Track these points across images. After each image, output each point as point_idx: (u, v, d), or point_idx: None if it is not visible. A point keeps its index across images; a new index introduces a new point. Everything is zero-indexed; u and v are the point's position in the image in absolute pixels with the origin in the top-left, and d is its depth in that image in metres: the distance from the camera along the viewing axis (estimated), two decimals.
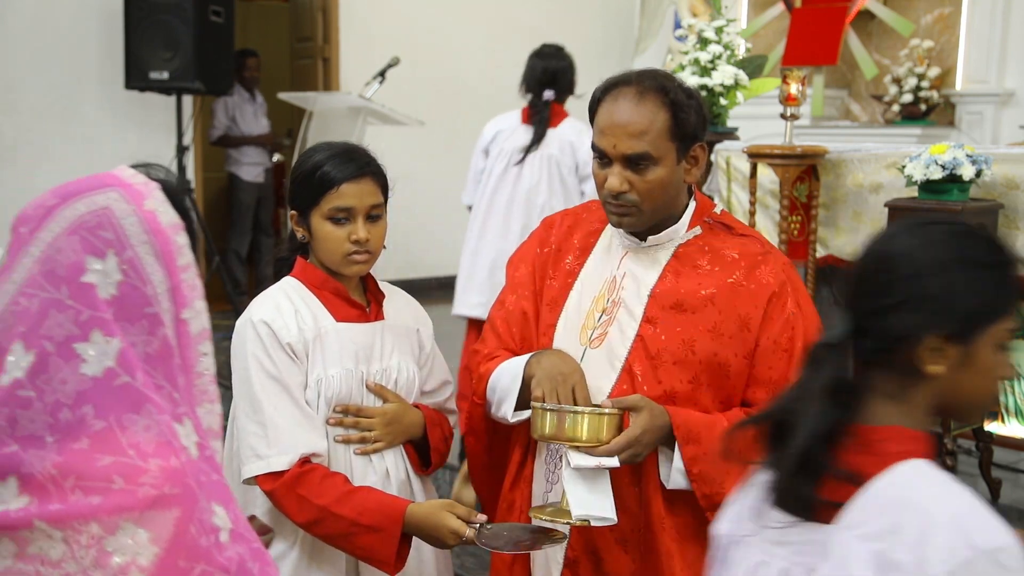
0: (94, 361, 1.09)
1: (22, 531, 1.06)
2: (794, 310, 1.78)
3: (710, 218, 1.87)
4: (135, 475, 1.09)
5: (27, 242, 1.13)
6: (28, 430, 1.08)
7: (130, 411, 1.10)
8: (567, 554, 1.86)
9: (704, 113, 1.81)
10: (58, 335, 1.09)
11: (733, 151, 4.15)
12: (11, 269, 1.13)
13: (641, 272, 1.84)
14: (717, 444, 1.68)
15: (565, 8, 8.19)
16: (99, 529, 1.06)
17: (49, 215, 1.13)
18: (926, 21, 7.31)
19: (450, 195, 7.90)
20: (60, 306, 1.10)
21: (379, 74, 5.77)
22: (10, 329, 1.10)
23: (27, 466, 1.07)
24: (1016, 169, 3.41)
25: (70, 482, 1.07)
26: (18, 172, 5.91)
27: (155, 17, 5.61)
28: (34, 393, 1.08)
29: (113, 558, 1.07)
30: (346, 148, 1.95)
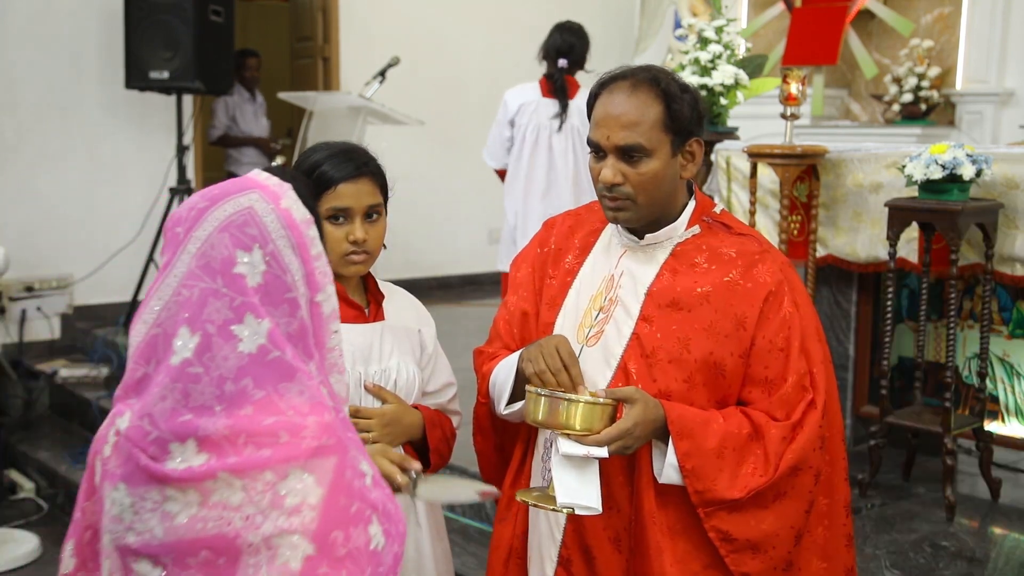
0: (248, 340, 1.26)
1: (207, 482, 1.23)
2: (790, 309, 1.78)
3: (709, 217, 1.86)
4: (297, 430, 1.26)
5: (183, 241, 1.29)
6: (199, 401, 1.24)
7: (284, 380, 1.27)
8: (561, 552, 1.86)
9: (700, 109, 1.80)
10: (217, 319, 1.25)
11: (733, 151, 4.15)
12: (171, 265, 1.30)
13: (639, 270, 1.84)
14: (711, 440, 1.71)
15: (565, 8, 8.16)
16: (272, 476, 1.24)
17: (201, 216, 1.30)
18: (926, 21, 7.31)
19: (450, 195, 7.90)
20: (217, 294, 1.26)
21: (379, 74, 5.78)
22: (175, 316, 1.27)
23: (202, 429, 1.23)
24: (1016, 169, 3.41)
25: (242, 439, 1.24)
26: (18, 172, 5.90)
27: (155, 17, 5.60)
28: (202, 369, 1.24)
29: (287, 499, 1.24)
30: (345, 148, 1.94)
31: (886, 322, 3.57)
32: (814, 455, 1.75)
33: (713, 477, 1.71)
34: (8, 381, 5.55)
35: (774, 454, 1.72)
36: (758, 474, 1.72)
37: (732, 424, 1.74)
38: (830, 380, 1.83)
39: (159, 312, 1.29)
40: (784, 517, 1.75)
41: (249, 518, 1.23)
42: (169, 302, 1.28)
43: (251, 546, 1.23)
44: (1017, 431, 3.69)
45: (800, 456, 1.73)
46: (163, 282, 1.30)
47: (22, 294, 5.89)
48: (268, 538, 1.23)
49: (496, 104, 5.06)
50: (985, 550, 3.15)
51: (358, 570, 1.27)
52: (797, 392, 1.76)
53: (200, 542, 1.23)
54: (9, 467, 5.02)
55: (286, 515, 1.24)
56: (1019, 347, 3.68)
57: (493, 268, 8.04)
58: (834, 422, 1.84)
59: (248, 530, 1.23)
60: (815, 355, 1.79)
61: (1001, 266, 3.47)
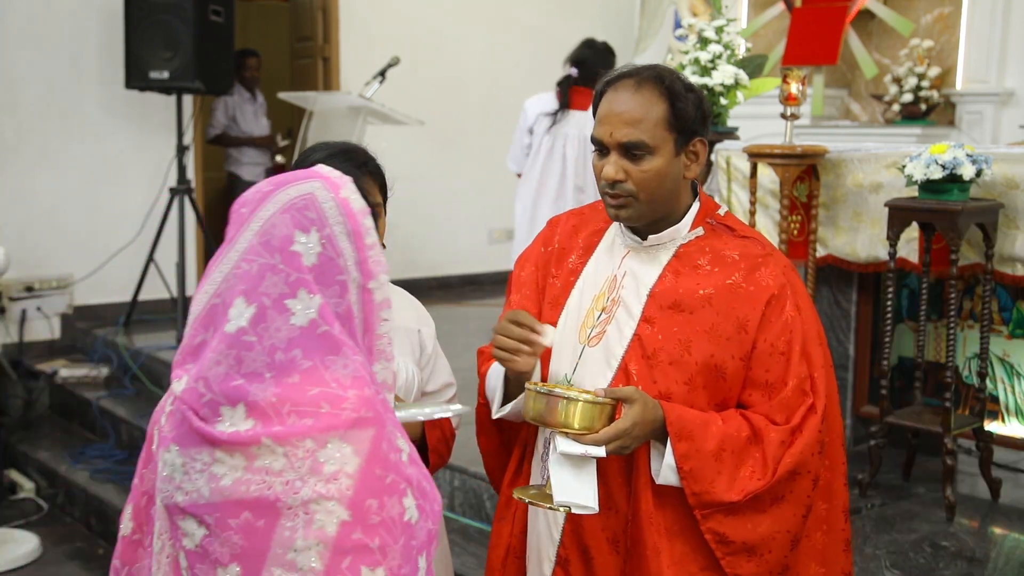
0: (300, 314, 1.33)
1: (252, 447, 1.30)
2: (792, 313, 1.77)
3: (713, 219, 1.86)
4: (338, 402, 1.33)
5: (247, 219, 1.38)
6: (251, 368, 1.32)
7: (330, 354, 1.34)
8: (559, 551, 1.86)
9: (705, 108, 1.80)
10: (273, 292, 1.33)
11: (733, 151, 4.15)
12: (234, 240, 1.39)
13: (641, 271, 1.84)
14: (710, 442, 1.71)
15: (565, 8, 8.19)
16: (313, 444, 1.31)
17: (266, 198, 1.39)
18: (926, 21, 7.31)
19: (450, 195, 7.90)
20: (274, 269, 1.34)
21: (379, 74, 5.77)
22: (233, 288, 1.35)
23: (252, 395, 1.31)
24: (1016, 169, 3.41)
25: (287, 408, 1.31)
26: (18, 172, 5.91)
27: (155, 17, 5.60)
28: (255, 338, 1.32)
29: (325, 467, 1.31)
30: (345, 147, 1.96)
31: (886, 322, 3.57)
32: (813, 460, 1.75)
33: (711, 479, 1.71)
34: (8, 381, 5.55)
35: (772, 458, 1.72)
36: (756, 477, 1.72)
37: (731, 427, 1.73)
38: (831, 384, 1.82)
39: (219, 283, 1.37)
40: (781, 521, 1.75)
41: (289, 483, 1.30)
42: (229, 274, 1.36)
43: (290, 509, 1.30)
44: (1017, 431, 3.69)
45: (798, 460, 1.73)
46: (225, 256, 1.38)
47: (22, 294, 5.89)
48: (306, 503, 1.30)
49: (496, 104, 5.10)
50: (985, 550, 3.15)
51: (391, 538, 1.33)
52: (797, 396, 1.75)
53: (243, 504, 1.30)
54: (9, 467, 5.03)
55: (324, 481, 1.30)
56: (1019, 347, 3.68)
57: (493, 268, 8.05)
58: (834, 426, 1.83)
59: (287, 494, 1.30)
60: (816, 359, 1.79)
61: (1001, 266, 3.47)
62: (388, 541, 1.32)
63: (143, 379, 5.38)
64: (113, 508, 4.39)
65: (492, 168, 7.92)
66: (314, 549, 1.30)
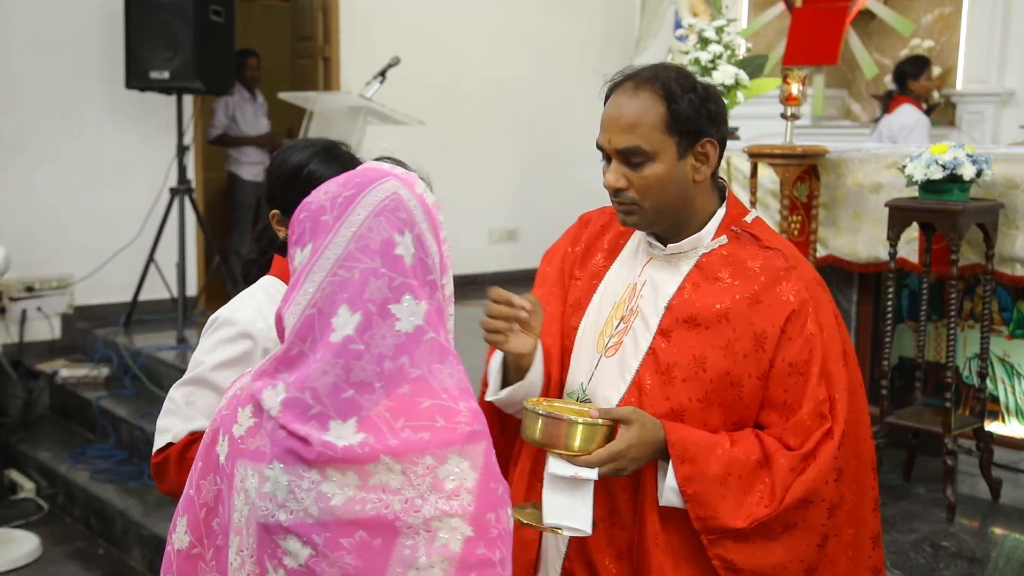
0: (405, 319, 1.31)
1: (368, 464, 1.26)
2: (813, 330, 1.68)
3: (739, 227, 1.76)
4: (452, 415, 1.31)
5: (334, 226, 1.34)
6: (360, 377, 1.28)
7: (438, 362, 1.33)
8: (564, 564, 1.81)
9: (713, 107, 1.71)
10: (377, 298, 1.30)
11: (734, 151, 4.15)
12: (323, 249, 1.33)
13: (661, 282, 1.77)
14: (715, 466, 1.63)
15: (565, 8, 8.18)
16: (432, 460, 1.28)
17: (352, 203, 1.35)
18: (926, 21, 7.31)
19: (450, 195, 7.90)
20: (376, 274, 1.31)
21: (379, 74, 5.77)
22: (332, 296, 1.31)
23: (364, 409, 1.28)
24: (1016, 169, 3.41)
25: (400, 423, 1.29)
26: (18, 172, 5.90)
27: (155, 17, 5.60)
28: (363, 347, 1.29)
29: (445, 483, 1.29)
30: (326, 145, 1.97)
31: (886, 322, 3.57)
32: (827, 488, 1.66)
33: (715, 504, 1.64)
34: (8, 381, 5.55)
35: (781, 485, 1.64)
36: (763, 504, 1.64)
37: (740, 450, 1.66)
38: (857, 408, 1.74)
39: (313, 293, 1.32)
40: (794, 551, 1.67)
41: (409, 501, 1.28)
42: (324, 283, 1.32)
43: (409, 528, 1.27)
44: (1017, 431, 3.69)
45: (810, 488, 1.65)
46: (316, 265, 1.33)
47: (22, 294, 5.89)
48: (427, 520, 1.28)
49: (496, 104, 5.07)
50: (985, 550, 3.15)
51: (507, 550, 1.34)
52: (814, 420, 1.67)
53: (357, 523, 1.27)
54: (9, 467, 5.03)
55: (445, 498, 1.29)
56: (1019, 347, 3.68)
57: (493, 268, 8.05)
58: (863, 450, 1.75)
59: (407, 513, 1.27)
60: (838, 380, 1.69)
61: (1001, 266, 3.47)
62: (505, 553, 1.33)
63: (143, 379, 5.37)
64: (113, 508, 4.39)
65: (492, 168, 7.92)
66: (439, 567, 1.28)
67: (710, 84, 1.76)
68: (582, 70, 8.16)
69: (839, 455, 1.66)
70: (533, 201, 8.13)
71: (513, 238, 8.11)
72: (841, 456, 1.67)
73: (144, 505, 4.38)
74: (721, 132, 1.73)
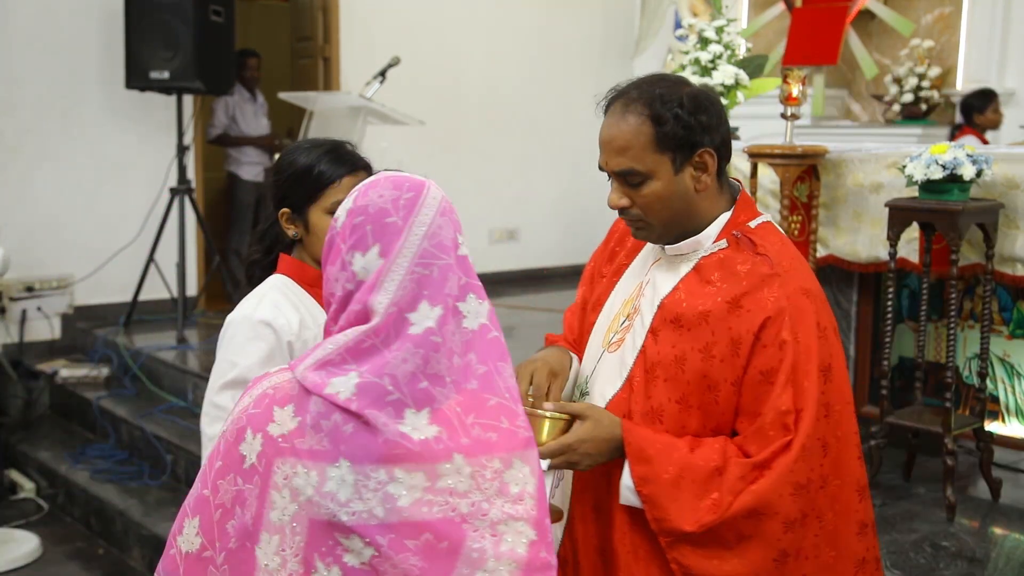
0: (472, 317, 1.35)
1: (440, 464, 1.29)
2: (786, 338, 1.64)
3: (740, 231, 1.75)
4: (514, 417, 1.36)
5: (404, 226, 1.36)
6: (435, 370, 1.31)
7: (500, 360, 1.37)
8: (559, 553, 1.84)
9: (703, 118, 1.69)
10: (453, 293, 1.35)
11: (734, 151, 4.14)
12: (400, 248, 1.36)
13: (660, 281, 1.78)
14: (670, 469, 1.64)
15: (565, 8, 8.18)
16: (500, 464, 1.32)
17: (416, 203, 1.39)
18: (926, 21, 7.31)
19: (450, 195, 7.88)
20: (452, 271, 1.36)
21: (379, 74, 5.77)
22: (412, 294, 1.34)
23: (437, 401, 1.31)
24: (1016, 169, 3.41)
25: (471, 419, 1.32)
26: (18, 172, 5.90)
27: (155, 17, 5.60)
28: (441, 339, 1.32)
29: (511, 487, 1.32)
30: (333, 145, 2.00)
31: (886, 322, 3.57)
32: (782, 502, 1.62)
33: (667, 506, 1.65)
34: (8, 381, 5.55)
35: (729, 491, 1.62)
36: (712, 511, 1.63)
37: (700, 455, 1.65)
38: (838, 425, 1.68)
39: (395, 291, 1.34)
40: (749, 563, 1.64)
41: (475, 504, 1.30)
42: (404, 281, 1.34)
43: (476, 531, 1.29)
44: (1017, 431, 3.69)
45: (760, 500, 1.62)
46: (395, 263, 1.35)
47: (22, 294, 5.89)
48: (494, 524, 1.31)
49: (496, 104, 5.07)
50: (985, 550, 3.15)
51: (552, 551, 1.37)
52: (776, 430, 1.63)
53: (424, 525, 1.28)
54: (9, 467, 5.03)
55: (511, 503, 1.32)
56: (1019, 347, 3.68)
57: (493, 268, 8.05)
58: (846, 471, 1.69)
59: (475, 516, 1.30)
60: (808, 393, 1.64)
61: (1001, 266, 3.47)
62: (551, 554, 1.37)
63: (143, 379, 5.37)
64: (113, 508, 4.39)
65: (492, 168, 7.92)
66: (505, 569, 1.31)
67: (701, 91, 1.74)
68: (582, 70, 8.16)
69: (797, 469, 1.62)
70: (533, 201, 8.13)
71: (513, 238, 8.11)
72: (800, 471, 1.63)
73: (144, 505, 4.38)
74: (719, 138, 1.72)
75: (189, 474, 4.57)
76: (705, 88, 1.77)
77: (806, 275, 1.73)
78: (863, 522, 1.72)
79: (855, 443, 1.72)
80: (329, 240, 1.41)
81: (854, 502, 1.71)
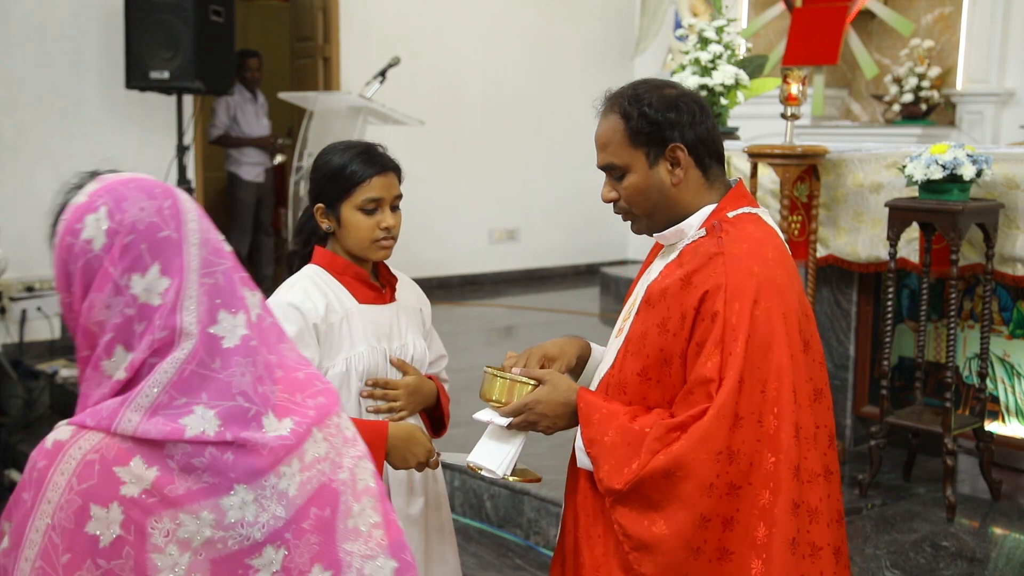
0: (253, 310, 1.34)
1: (306, 443, 1.33)
2: (718, 309, 1.72)
3: (718, 221, 1.84)
4: (318, 378, 1.41)
5: (179, 240, 1.31)
6: (261, 371, 1.32)
7: (280, 341, 1.39)
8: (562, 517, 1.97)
9: (673, 115, 1.80)
10: (241, 295, 1.33)
11: (734, 151, 4.14)
12: (187, 261, 1.31)
13: (654, 269, 1.92)
14: (610, 433, 1.77)
15: (565, 8, 8.19)
16: (337, 418, 1.39)
17: (179, 211, 1.35)
18: (926, 21, 7.31)
19: (450, 195, 7.90)
20: (232, 272, 1.34)
21: (379, 74, 5.78)
22: (210, 306, 1.30)
23: (272, 399, 1.32)
24: (1016, 169, 3.41)
25: (299, 397, 1.35)
26: (18, 172, 5.91)
27: (155, 17, 5.60)
28: (257, 342, 1.32)
29: (346, 432, 1.39)
30: (366, 146, 2.15)
31: (886, 322, 3.57)
32: (698, 465, 1.68)
33: (603, 466, 1.76)
34: (8, 381, 5.55)
35: (647, 451, 1.71)
36: (636, 470, 1.72)
37: (638, 422, 1.75)
38: (770, 401, 1.71)
39: (196, 309, 1.29)
40: (673, 524, 1.70)
41: (334, 461, 1.36)
42: (199, 295, 1.30)
43: (343, 483, 1.35)
44: (1017, 431, 3.69)
45: (675, 461, 1.68)
46: (187, 279, 1.30)
47: (22, 294, 5.89)
48: (351, 469, 1.37)
49: (496, 104, 5.07)
50: (985, 550, 3.15)
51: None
52: (700, 396, 1.71)
53: (309, 502, 1.32)
54: (9, 467, 5.03)
55: (351, 445, 1.39)
56: (1019, 347, 3.68)
57: (493, 268, 8.06)
58: (778, 447, 1.70)
59: (335, 471, 1.35)
60: (732, 364, 1.69)
61: (1001, 266, 3.47)
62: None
63: None
64: None
65: (492, 168, 7.92)
66: (368, 506, 1.36)
67: (682, 93, 1.85)
68: (582, 70, 8.16)
69: (712, 435, 1.68)
70: (533, 201, 8.14)
71: (513, 238, 8.12)
72: (717, 437, 1.68)
73: None
74: (692, 135, 1.82)
75: None
76: (691, 91, 1.89)
77: (760, 259, 1.77)
78: (796, 502, 1.72)
79: (795, 423, 1.73)
80: (87, 264, 1.29)
81: (787, 480, 1.72)
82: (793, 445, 1.73)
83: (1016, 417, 3.70)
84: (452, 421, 2.30)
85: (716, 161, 1.87)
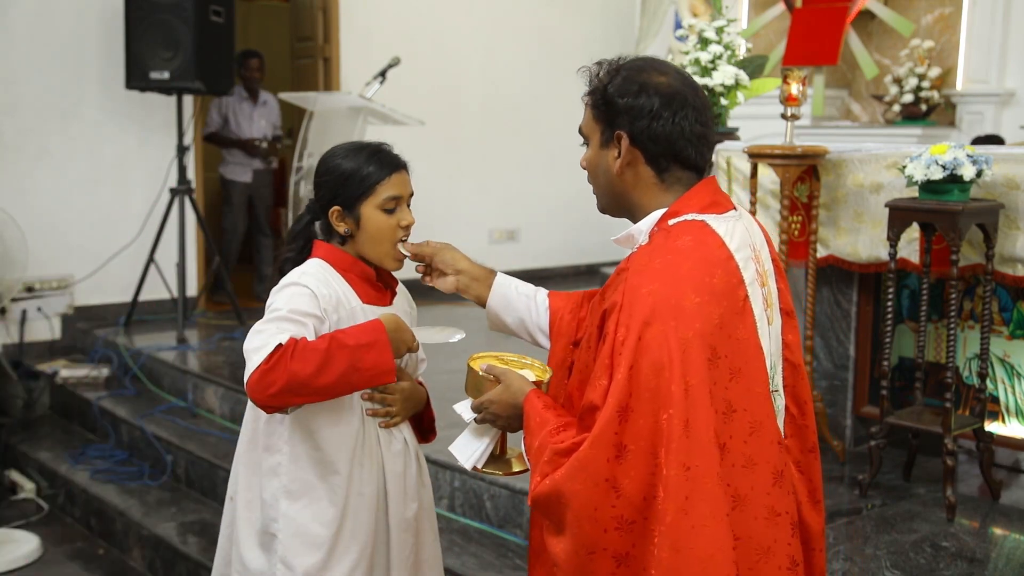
0: None
1: None
2: (608, 330, 1.62)
3: (659, 227, 1.72)
4: None
5: None
6: None
7: None
8: None
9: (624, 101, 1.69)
10: None
11: (734, 151, 4.14)
12: None
13: None
14: (534, 443, 1.72)
15: (565, 8, 8.18)
16: None
17: None
18: (926, 21, 7.31)
19: (450, 195, 7.90)
20: None
21: (379, 74, 5.77)
22: None
23: None
24: (1016, 169, 3.41)
25: None
26: (18, 172, 5.90)
27: (155, 17, 5.60)
28: None
29: None
30: (376, 146, 2.15)
31: (887, 322, 3.57)
32: (575, 497, 1.58)
33: (533, 474, 1.72)
34: (8, 381, 5.55)
35: (539, 473, 1.66)
36: (533, 486, 1.68)
37: (557, 436, 1.68)
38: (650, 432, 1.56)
39: None
40: (567, 548, 1.62)
41: None
42: None
43: None
44: (1017, 431, 3.69)
45: (555, 488, 1.61)
46: None
47: (22, 294, 5.89)
48: None
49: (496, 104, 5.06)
50: (985, 550, 3.15)
51: None
52: (589, 422, 1.61)
53: None
54: (9, 467, 5.03)
55: None
56: (1019, 348, 3.68)
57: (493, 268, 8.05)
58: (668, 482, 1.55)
59: None
60: (613, 391, 1.57)
61: (1002, 266, 3.47)
62: None
63: (143, 379, 5.37)
64: (113, 508, 4.39)
65: (492, 168, 7.92)
66: None
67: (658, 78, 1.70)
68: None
69: (591, 466, 1.57)
70: (533, 201, 8.13)
71: (513, 238, 8.11)
72: (594, 469, 1.57)
73: (144, 505, 4.38)
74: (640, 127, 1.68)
75: (189, 474, 4.57)
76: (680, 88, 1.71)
77: (668, 277, 1.61)
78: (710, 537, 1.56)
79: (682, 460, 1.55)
80: None
81: (671, 513, 1.56)
82: (682, 479, 1.55)
83: (1016, 417, 3.70)
84: (450, 421, 2.27)
85: (678, 164, 1.71)
